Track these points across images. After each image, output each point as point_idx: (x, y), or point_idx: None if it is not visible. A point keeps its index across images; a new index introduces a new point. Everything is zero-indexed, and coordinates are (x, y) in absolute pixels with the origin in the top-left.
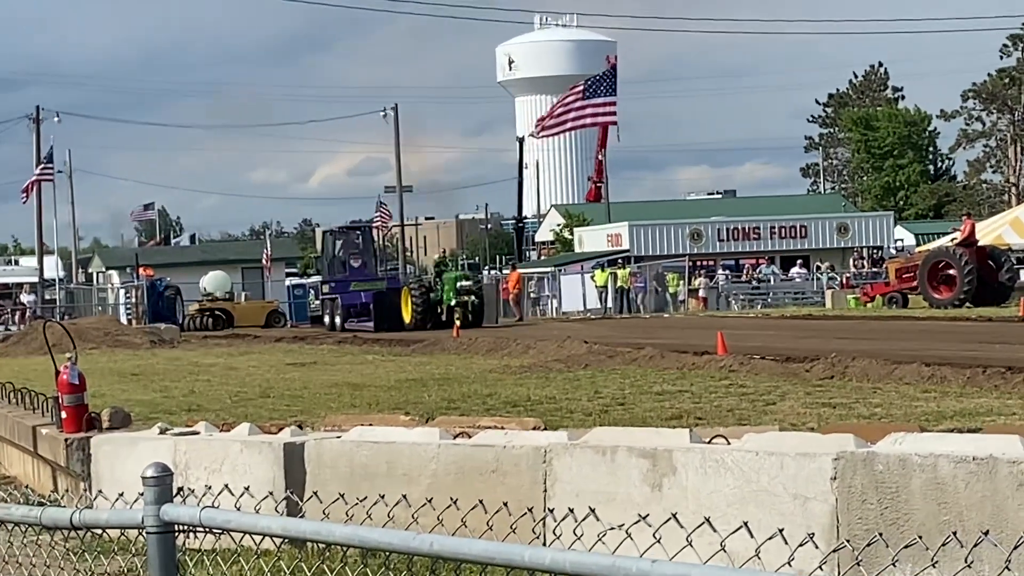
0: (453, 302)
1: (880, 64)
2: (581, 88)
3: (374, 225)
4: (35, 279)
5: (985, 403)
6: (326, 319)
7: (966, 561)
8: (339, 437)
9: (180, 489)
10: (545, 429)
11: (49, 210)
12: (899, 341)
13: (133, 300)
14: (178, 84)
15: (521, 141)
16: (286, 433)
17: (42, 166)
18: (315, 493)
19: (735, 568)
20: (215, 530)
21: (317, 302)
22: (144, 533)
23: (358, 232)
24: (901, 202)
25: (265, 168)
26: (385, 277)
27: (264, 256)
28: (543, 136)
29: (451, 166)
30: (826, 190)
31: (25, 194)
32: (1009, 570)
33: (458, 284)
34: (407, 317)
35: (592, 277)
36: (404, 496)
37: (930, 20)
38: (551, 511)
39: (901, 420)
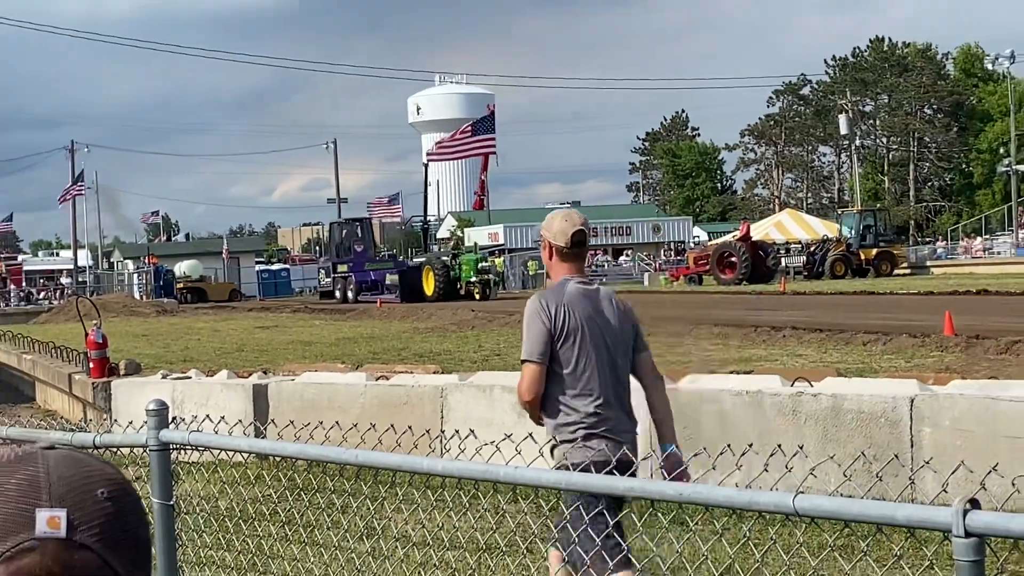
0: (473, 278)
1: (683, 110)
2: (469, 127)
3: (388, 216)
4: (71, 266)
5: (756, 353)
6: (337, 293)
7: (736, 465)
8: (293, 380)
9: (174, 418)
10: (443, 373)
11: (81, 216)
12: (697, 309)
13: (143, 281)
14: (177, 124)
15: (426, 166)
16: (255, 377)
17: (76, 184)
18: (273, 420)
19: (573, 472)
20: (200, 448)
21: (328, 280)
22: (148, 450)
23: (358, 223)
24: (697, 209)
25: (240, 185)
26: (390, 259)
27: (223, 251)
28: (438, 160)
29: (375, 183)
30: (644, 201)
31: (60, 201)
32: (767, 471)
33: (479, 264)
34: (428, 291)
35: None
36: (337, 422)
37: (718, 79)
38: (445, 432)
39: (698, 365)
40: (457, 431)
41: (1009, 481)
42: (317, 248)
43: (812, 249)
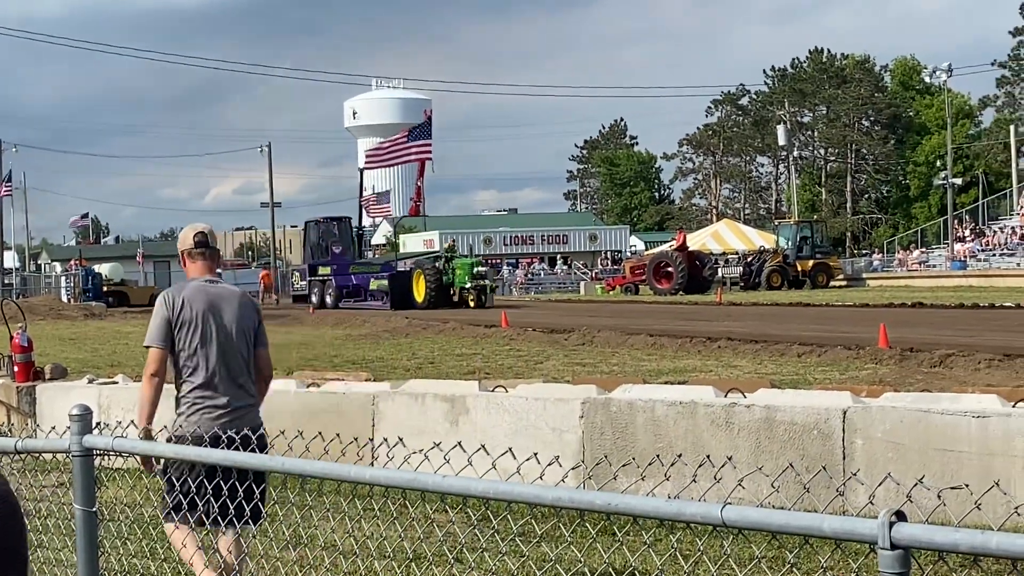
0: (468, 284)
1: (621, 119)
2: (406, 133)
3: (379, 213)
4: None
5: (691, 363)
6: (314, 298)
7: (666, 476)
8: None
9: (99, 424)
10: (374, 380)
11: (9, 217)
12: (632, 318)
13: (71, 284)
14: (108, 125)
15: (362, 171)
16: None
17: (4, 184)
18: None
19: (502, 480)
20: (123, 454)
21: (303, 283)
22: (70, 456)
23: (336, 223)
24: (635, 218)
25: (172, 187)
26: (377, 262)
27: (138, 254)
28: (374, 168)
29: (310, 188)
30: (581, 209)
31: None
32: (696, 481)
33: (475, 270)
34: (419, 297)
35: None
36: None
37: (657, 88)
38: (375, 440)
39: (631, 375)
40: (386, 439)
41: (935, 494)
42: (250, 253)
43: (749, 260)
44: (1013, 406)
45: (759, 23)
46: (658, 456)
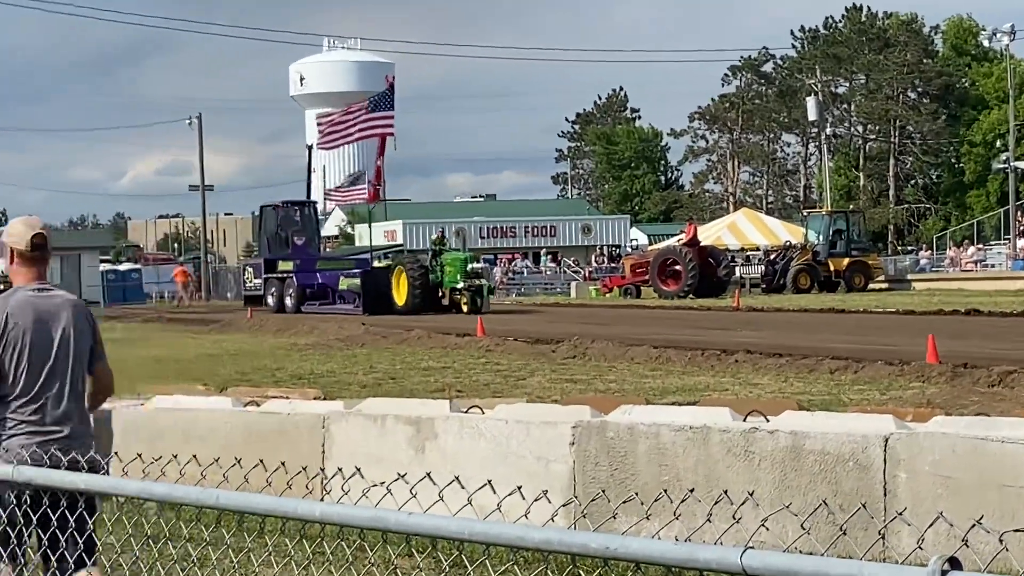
0: (460, 285)
1: (621, 88)
2: (363, 104)
3: (352, 199)
4: None
5: (703, 380)
6: (270, 300)
7: (674, 514)
8: (143, 405)
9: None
10: (325, 399)
11: None
12: (632, 326)
13: None
14: (5, 91)
15: (310, 148)
16: None
17: None
18: (117, 453)
19: (479, 520)
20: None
21: (257, 281)
22: None
23: (299, 208)
24: (636, 207)
25: (83, 167)
26: (349, 257)
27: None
28: (328, 148)
29: (248, 168)
30: (573, 196)
31: None
32: (710, 522)
33: (468, 267)
34: (400, 299)
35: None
36: (195, 456)
37: (663, 51)
38: (326, 470)
39: (632, 394)
40: (340, 469)
41: (996, 537)
42: (176, 245)
43: (772, 257)
44: None
45: None
46: (665, 491)
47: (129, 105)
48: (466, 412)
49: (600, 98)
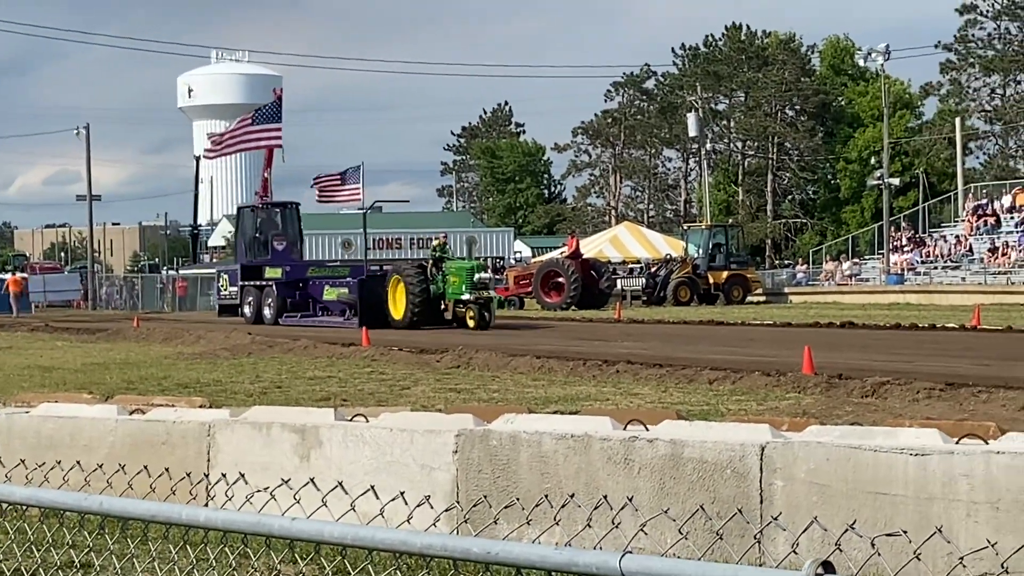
0: (466, 296)
1: (506, 103)
2: (251, 115)
3: (348, 198)
4: None
5: (584, 390)
6: (247, 310)
7: (555, 520)
8: (27, 412)
9: None
10: (211, 407)
11: None
12: (515, 337)
13: None
14: None
15: (198, 159)
16: None
17: None
18: (0, 460)
19: (362, 525)
20: None
21: (232, 289)
22: None
23: (280, 209)
24: (520, 220)
25: None
26: (343, 264)
27: None
28: (214, 157)
29: (136, 179)
30: (458, 208)
31: None
32: (590, 527)
33: (476, 277)
34: (397, 312)
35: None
36: (79, 463)
37: (547, 67)
38: (212, 477)
39: (515, 403)
40: (224, 475)
41: (868, 542)
42: (63, 255)
43: (653, 270)
44: (956, 443)
45: None
46: (546, 496)
47: (16, 114)
48: (350, 420)
49: (485, 112)
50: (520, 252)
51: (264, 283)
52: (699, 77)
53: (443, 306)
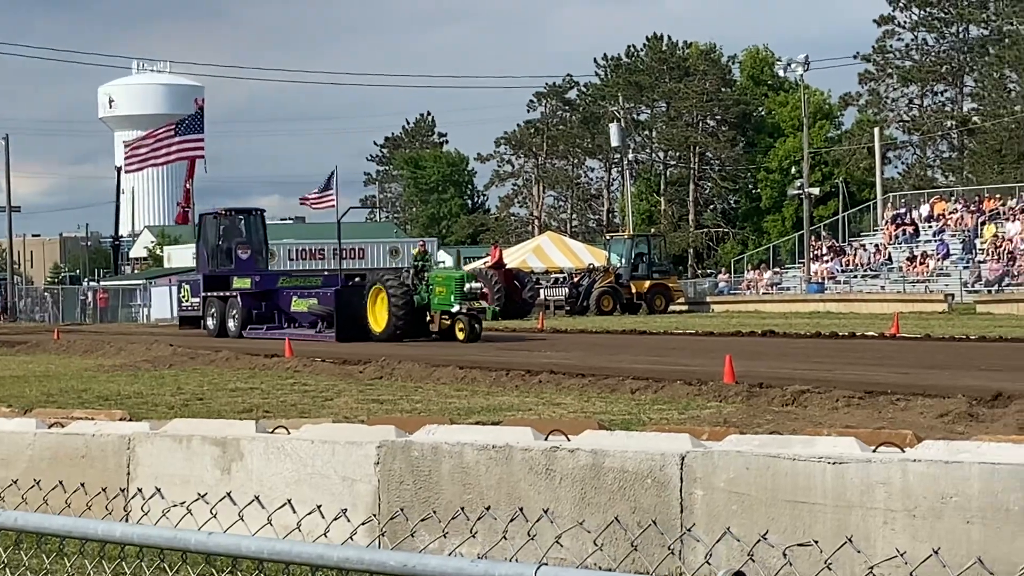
0: (455, 308)
1: (428, 113)
2: (172, 126)
3: (320, 206)
4: None
5: (507, 400)
6: (210, 322)
7: (471, 532)
8: None
9: None
10: (131, 420)
11: None
12: (438, 348)
13: None
14: None
15: (119, 170)
16: None
17: None
18: None
19: (279, 538)
20: None
21: (195, 300)
22: None
23: (244, 217)
24: (444, 230)
25: None
26: (314, 273)
27: None
28: (136, 169)
29: (56, 190)
30: (381, 219)
31: None
32: (506, 539)
33: (467, 286)
34: (377, 324)
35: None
36: None
37: (470, 77)
38: (129, 491)
39: (437, 414)
40: (140, 490)
41: (780, 551)
42: None
43: (576, 280)
44: (874, 451)
45: (589, 3)
46: (462, 509)
47: None
48: (272, 432)
49: (408, 123)
50: (443, 262)
51: (228, 294)
52: (621, 87)
53: (428, 317)
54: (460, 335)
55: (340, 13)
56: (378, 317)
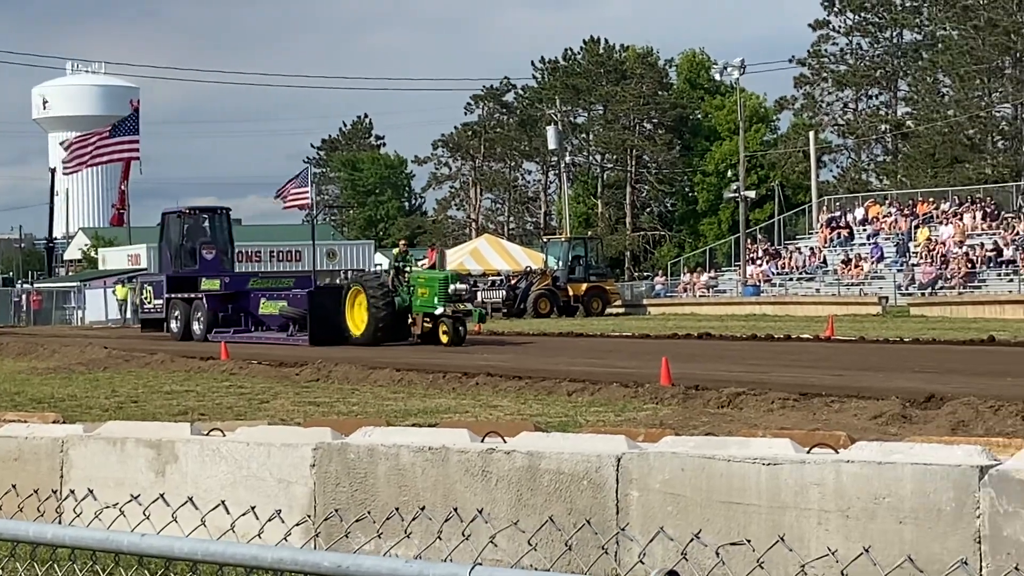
0: (439, 311)
1: (366, 115)
2: (108, 128)
3: (296, 205)
4: None
5: (444, 402)
6: (174, 325)
7: (405, 532)
8: None
9: None
10: (64, 423)
11: None
12: (376, 350)
13: None
14: None
15: (53, 171)
16: None
17: None
18: None
19: (213, 540)
20: None
21: (158, 302)
22: None
23: (208, 215)
24: (381, 232)
25: None
26: (286, 275)
27: None
28: (71, 171)
29: None
30: (318, 221)
31: None
32: (441, 540)
33: (451, 287)
34: (356, 327)
35: (114, 292)
36: None
37: (407, 79)
38: (62, 492)
39: (374, 416)
40: (72, 492)
41: (714, 551)
42: None
43: (513, 282)
44: (808, 452)
45: (526, 7)
46: (397, 509)
47: None
48: (207, 435)
49: (345, 125)
50: (381, 265)
51: (194, 296)
52: (558, 90)
53: (410, 319)
54: (444, 338)
55: (277, 14)
56: (357, 320)
